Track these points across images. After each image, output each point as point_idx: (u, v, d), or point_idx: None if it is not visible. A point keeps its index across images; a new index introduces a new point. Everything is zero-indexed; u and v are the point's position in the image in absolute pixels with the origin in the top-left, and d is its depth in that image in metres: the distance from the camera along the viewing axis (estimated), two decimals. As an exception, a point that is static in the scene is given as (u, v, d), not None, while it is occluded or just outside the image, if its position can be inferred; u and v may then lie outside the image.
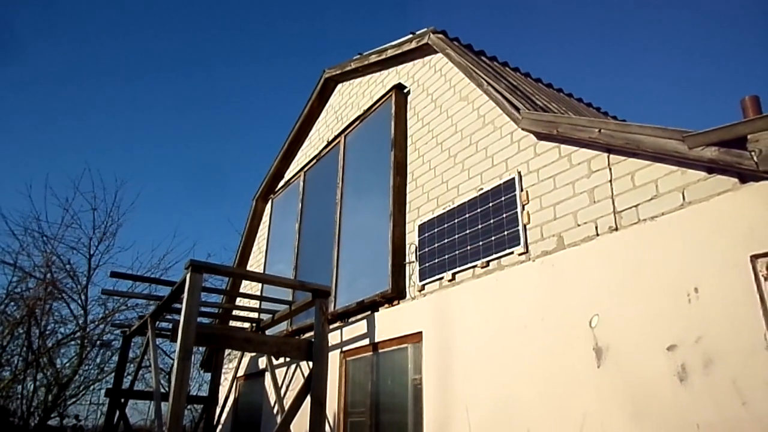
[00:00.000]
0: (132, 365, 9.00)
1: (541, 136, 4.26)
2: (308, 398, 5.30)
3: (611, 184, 3.66)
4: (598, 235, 3.64)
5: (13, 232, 9.59)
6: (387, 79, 6.90)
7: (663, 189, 3.31)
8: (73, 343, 10.18)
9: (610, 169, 3.69)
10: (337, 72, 8.09)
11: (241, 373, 8.58)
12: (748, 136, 2.73)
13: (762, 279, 2.73)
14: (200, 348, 10.48)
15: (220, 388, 8.82)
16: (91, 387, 10.99)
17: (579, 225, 3.79)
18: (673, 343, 3.00)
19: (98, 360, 10.86)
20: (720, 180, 3.02)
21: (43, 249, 9.67)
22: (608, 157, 3.72)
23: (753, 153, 2.71)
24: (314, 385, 5.21)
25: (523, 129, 4.40)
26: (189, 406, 12.01)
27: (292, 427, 5.60)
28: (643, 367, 3.12)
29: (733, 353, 2.73)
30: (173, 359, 11.43)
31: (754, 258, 2.76)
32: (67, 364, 10.28)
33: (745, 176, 2.89)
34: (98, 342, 10.42)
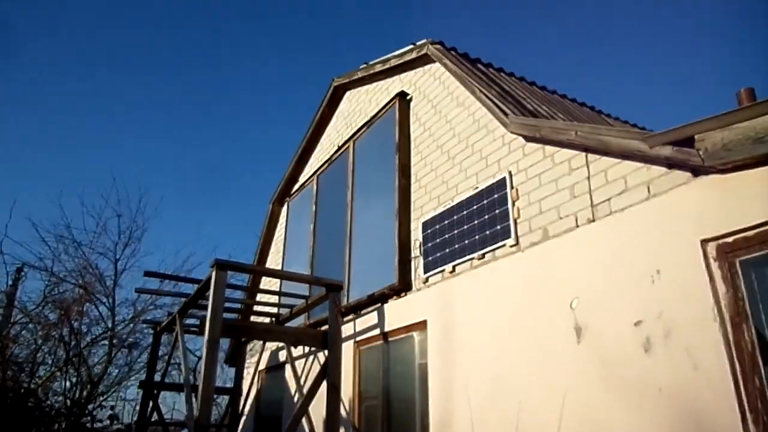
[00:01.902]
0: (160, 362, 9.59)
1: (528, 139, 4.70)
2: (324, 384, 5.79)
3: (589, 181, 4.08)
4: (578, 226, 4.06)
5: (44, 239, 10.27)
6: (391, 86, 7.37)
7: (631, 183, 3.72)
8: (103, 343, 10.85)
9: (588, 167, 4.11)
10: (345, 80, 8.58)
11: (262, 366, 9.10)
12: (696, 136, 3.14)
13: (711, 259, 3.15)
14: (223, 346, 11.08)
15: (243, 381, 9.37)
16: (122, 384, 11.66)
17: (561, 218, 4.21)
18: (640, 319, 3.42)
19: (127, 359, 11.53)
20: (677, 174, 3.43)
21: (74, 255, 10.34)
22: (586, 156, 4.14)
23: (700, 151, 3.12)
24: (330, 372, 5.70)
25: (512, 132, 4.84)
26: (214, 402, 12.62)
27: (311, 411, 6.10)
28: (616, 341, 3.54)
29: (688, 325, 3.15)
30: (197, 357, 12.07)
31: (704, 242, 3.17)
32: (99, 363, 10.95)
33: (696, 171, 3.30)
34: (125, 343, 11.08)
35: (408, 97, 6.80)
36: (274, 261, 10.10)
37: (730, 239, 3.08)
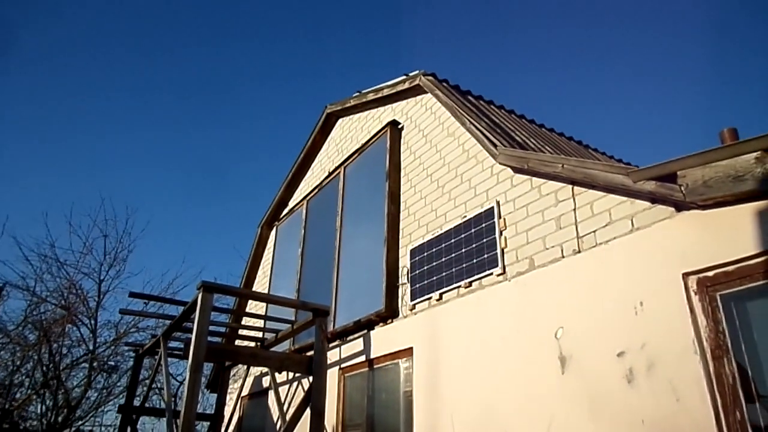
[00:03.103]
0: (141, 386, 9.40)
1: (516, 170, 4.79)
2: (308, 411, 5.73)
3: (575, 213, 4.16)
4: (563, 257, 4.13)
5: (27, 258, 10.12)
6: (383, 115, 7.49)
7: (615, 216, 3.81)
8: (83, 365, 10.63)
9: (574, 199, 4.20)
10: (338, 108, 8.71)
11: (245, 392, 8.97)
12: (678, 172, 3.23)
13: (692, 293, 3.21)
14: (205, 371, 10.91)
15: (226, 407, 9.21)
16: (100, 408, 11.39)
17: (547, 248, 4.28)
18: (623, 350, 3.46)
19: (106, 383, 11.28)
20: (660, 209, 3.52)
21: (57, 275, 10.19)
22: (572, 188, 4.23)
23: (682, 186, 3.21)
24: (314, 398, 5.64)
25: (500, 163, 4.93)
26: (195, 429, 12.35)
27: (293, 438, 6.00)
28: (599, 372, 3.57)
29: (670, 357, 3.19)
30: (179, 382, 11.88)
31: (686, 275, 3.24)
32: (77, 386, 10.71)
33: (679, 206, 3.39)
34: (105, 366, 10.86)
35: (399, 126, 6.91)
36: (261, 285, 10.05)
37: (710, 273, 3.15)
